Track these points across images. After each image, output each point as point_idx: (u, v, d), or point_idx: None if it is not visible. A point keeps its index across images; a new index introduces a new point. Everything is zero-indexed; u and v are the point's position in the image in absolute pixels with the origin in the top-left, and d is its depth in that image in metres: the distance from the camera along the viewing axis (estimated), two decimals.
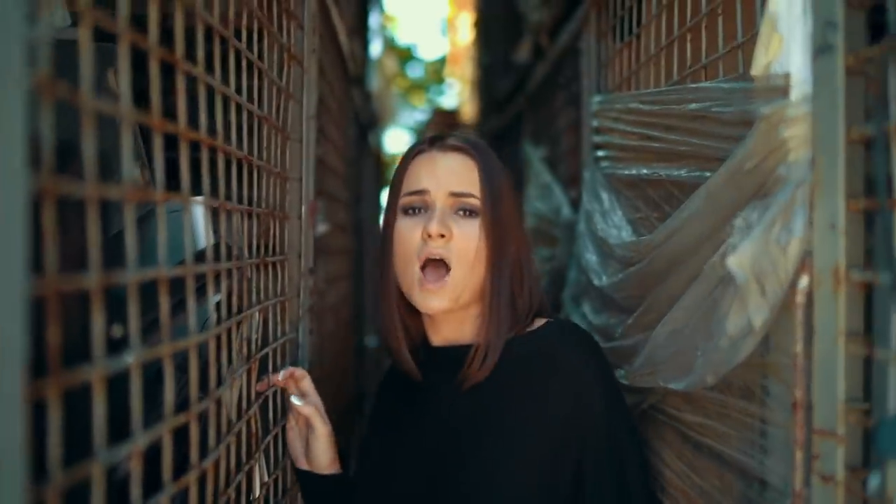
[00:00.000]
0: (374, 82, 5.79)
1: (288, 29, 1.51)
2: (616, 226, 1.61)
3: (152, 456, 0.82)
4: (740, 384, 1.08)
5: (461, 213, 1.33)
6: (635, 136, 1.52)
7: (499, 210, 1.33)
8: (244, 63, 1.18)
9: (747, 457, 1.06)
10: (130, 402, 0.74)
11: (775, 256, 0.90)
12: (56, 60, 0.71)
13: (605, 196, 1.72)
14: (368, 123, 4.50)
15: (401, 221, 1.35)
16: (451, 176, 1.34)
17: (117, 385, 0.74)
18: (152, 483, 0.81)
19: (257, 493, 1.27)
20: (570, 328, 1.40)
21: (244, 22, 1.19)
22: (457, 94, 11.42)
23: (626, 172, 1.58)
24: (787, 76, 0.92)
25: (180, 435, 0.88)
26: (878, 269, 0.81)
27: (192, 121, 0.93)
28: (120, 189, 0.70)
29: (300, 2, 1.61)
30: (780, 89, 0.93)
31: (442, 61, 15.51)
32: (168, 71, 0.84)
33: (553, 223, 2.42)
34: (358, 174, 3.82)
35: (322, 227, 2.09)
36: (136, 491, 0.74)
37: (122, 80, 0.75)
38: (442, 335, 1.40)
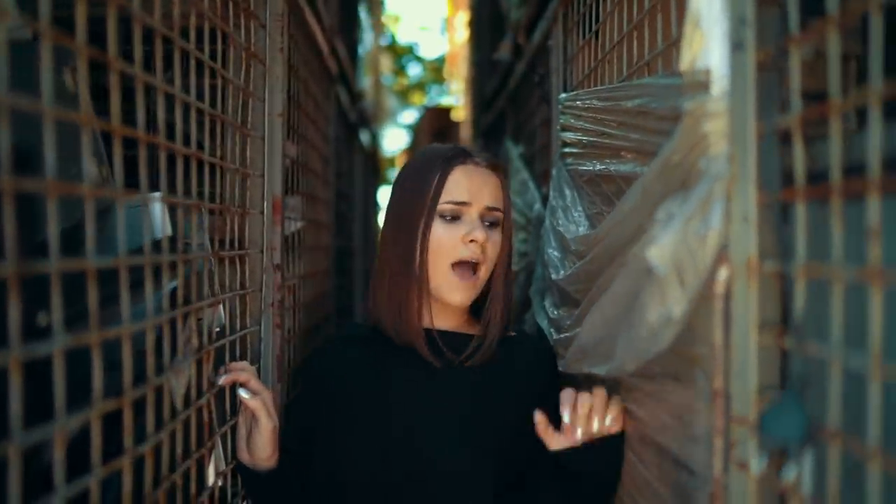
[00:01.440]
0: (365, 81, 5.81)
1: (248, 28, 1.54)
2: (575, 221, 1.64)
3: (86, 443, 0.85)
4: (673, 374, 1.10)
5: (488, 224, 1.54)
6: (593, 132, 1.54)
7: (510, 224, 1.59)
8: (196, 62, 1.20)
9: (678, 446, 1.08)
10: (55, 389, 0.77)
11: (694, 248, 0.92)
12: (12, 60, 0.74)
13: (567, 192, 1.74)
14: (357, 122, 4.52)
15: (438, 225, 1.51)
16: (486, 191, 1.54)
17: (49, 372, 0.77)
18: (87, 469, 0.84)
19: (211, 481, 1.29)
20: (537, 334, 1.74)
21: (193, 21, 1.22)
22: (455, 93, 11.44)
23: (585, 168, 1.60)
24: (707, 72, 0.94)
25: (118, 422, 0.91)
26: (786, 259, 0.84)
27: (148, 119, 0.96)
28: (41, 184, 0.73)
29: (262, 2, 1.64)
30: (702, 84, 0.95)
31: (442, 60, 15.53)
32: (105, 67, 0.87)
33: (528, 218, 2.45)
34: (346, 173, 3.84)
35: (296, 225, 2.12)
36: (59, 474, 0.76)
37: (82, 87, 0.78)
38: (440, 323, 1.59)
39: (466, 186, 1.52)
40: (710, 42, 0.93)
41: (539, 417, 1.37)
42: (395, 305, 1.53)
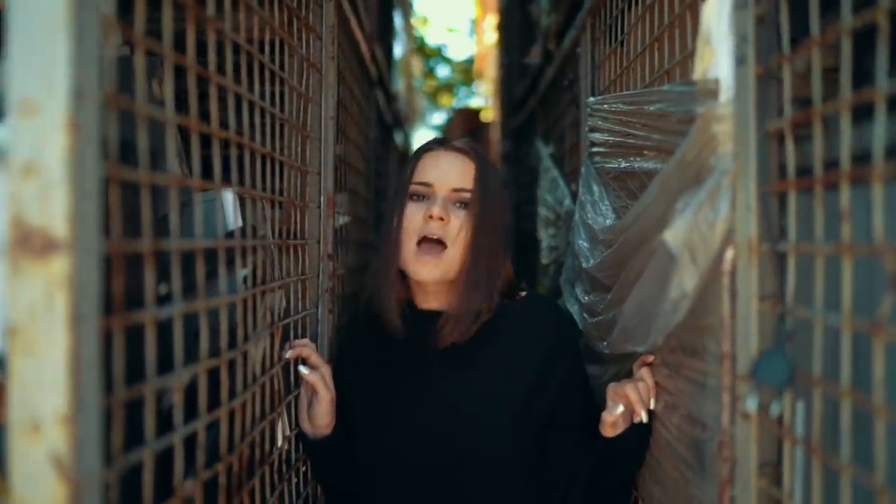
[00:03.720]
0: (399, 83, 5.99)
1: (307, 40, 1.71)
2: (603, 214, 1.79)
3: (193, 396, 1.02)
4: (690, 346, 1.26)
5: (458, 204, 1.62)
6: (619, 133, 1.69)
7: (486, 205, 1.61)
8: (268, 72, 1.37)
9: (693, 405, 1.24)
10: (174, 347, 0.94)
11: (704, 232, 1.08)
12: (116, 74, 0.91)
13: (595, 188, 1.89)
14: (393, 123, 4.70)
15: (408, 205, 1.63)
16: (452, 172, 1.63)
17: (166, 337, 0.93)
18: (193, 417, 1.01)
19: (279, 443, 1.47)
20: (548, 298, 1.77)
21: (268, 36, 1.39)
22: (483, 94, 11.61)
23: (611, 166, 1.76)
24: (717, 81, 1.09)
25: (215, 381, 1.08)
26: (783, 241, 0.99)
27: (225, 123, 1.13)
28: (165, 176, 0.90)
29: (318, 15, 1.81)
30: (712, 92, 1.11)
31: (470, 61, 15.70)
32: (204, 80, 1.04)
33: (558, 214, 2.60)
34: (382, 172, 4.01)
35: (343, 219, 2.29)
36: (178, 416, 0.93)
37: (167, 90, 0.95)
38: (429, 302, 1.69)
39: (432, 169, 1.64)
40: (718, 57, 1.09)
41: (608, 419, 1.52)
42: (375, 282, 1.66)
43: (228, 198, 1.32)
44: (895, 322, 0.73)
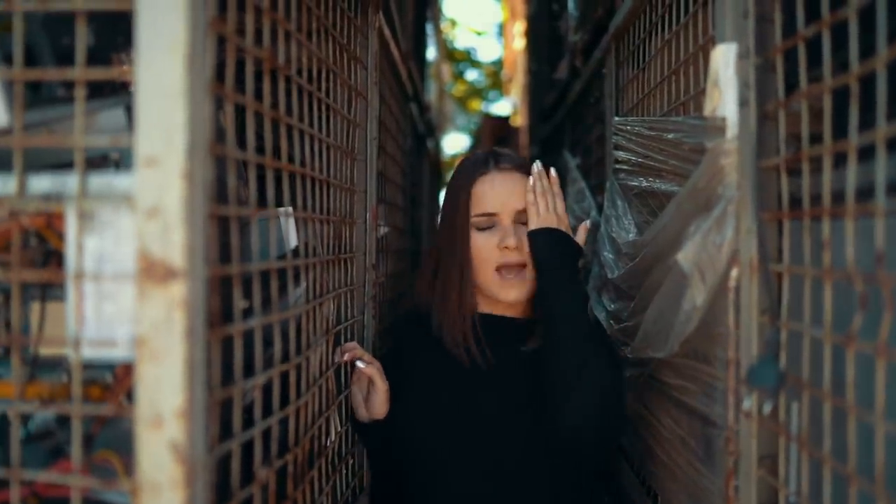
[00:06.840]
0: (431, 91, 6.15)
1: (354, 70, 1.87)
2: (626, 228, 1.94)
3: (267, 396, 1.18)
4: (703, 353, 1.41)
5: (522, 224, 1.77)
6: (641, 154, 1.84)
7: None
8: (324, 105, 1.54)
9: (705, 406, 1.38)
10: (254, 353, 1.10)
11: (712, 253, 1.23)
12: None
13: (619, 203, 2.04)
14: (425, 132, 4.86)
15: (476, 237, 1.76)
16: (512, 196, 1.77)
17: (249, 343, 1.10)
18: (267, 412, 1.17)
19: (333, 437, 1.63)
20: None
21: (322, 66, 1.56)
22: (511, 100, 11.76)
23: (634, 184, 1.91)
24: (724, 119, 1.24)
25: (285, 380, 1.24)
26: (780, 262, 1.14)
27: (290, 154, 1.29)
28: (249, 210, 1.06)
29: (364, 46, 1.97)
30: (720, 129, 1.25)
31: (499, 64, 15.86)
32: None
33: None
34: (416, 181, 4.18)
35: (383, 230, 2.45)
36: (258, 412, 1.10)
37: (250, 140, 1.11)
38: (493, 308, 1.83)
39: (492, 196, 1.76)
40: (725, 98, 1.23)
41: None
42: (445, 305, 1.81)
43: (289, 220, 1.48)
44: (867, 337, 0.88)
